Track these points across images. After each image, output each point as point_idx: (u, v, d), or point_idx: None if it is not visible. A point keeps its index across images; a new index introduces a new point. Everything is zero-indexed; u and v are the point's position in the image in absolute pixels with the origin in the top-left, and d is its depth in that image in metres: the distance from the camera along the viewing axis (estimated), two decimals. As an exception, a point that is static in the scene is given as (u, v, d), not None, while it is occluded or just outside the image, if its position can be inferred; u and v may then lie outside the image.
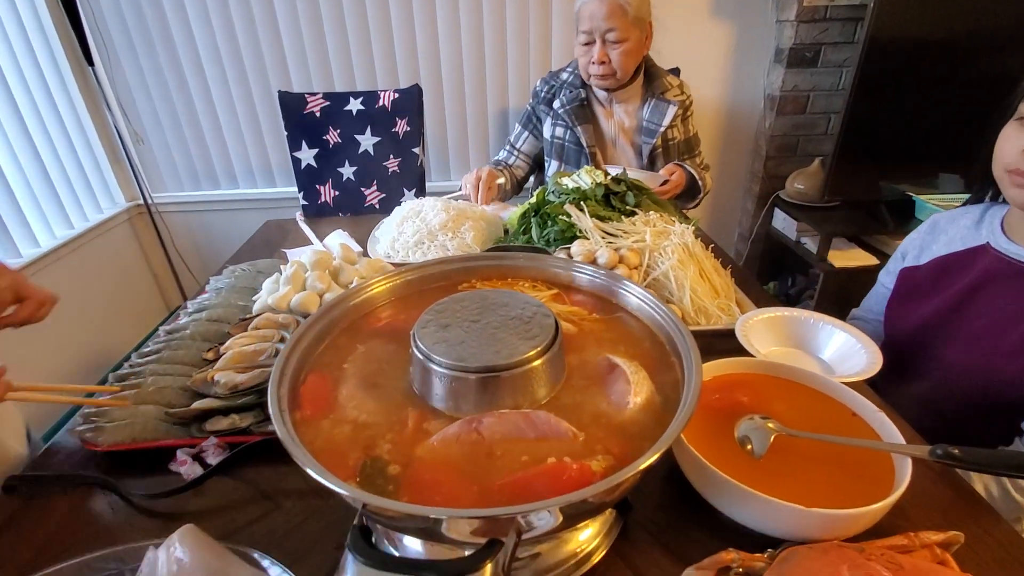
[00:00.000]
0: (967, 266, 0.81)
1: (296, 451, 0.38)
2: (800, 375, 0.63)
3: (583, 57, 1.40)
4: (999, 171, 0.77)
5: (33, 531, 0.55)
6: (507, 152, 1.66)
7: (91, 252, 2.07)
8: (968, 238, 0.84)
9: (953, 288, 0.82)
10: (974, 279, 0.79)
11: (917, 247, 0.91)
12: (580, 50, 1.41)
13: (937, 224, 0.90)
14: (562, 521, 0.38)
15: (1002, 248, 0.78)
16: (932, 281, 0.86)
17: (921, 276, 0.88)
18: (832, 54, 2.08)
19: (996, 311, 0.77)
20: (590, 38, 1.36)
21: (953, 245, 0.85)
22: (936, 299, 0.84)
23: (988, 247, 0.80)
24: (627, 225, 0.92)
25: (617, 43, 1.34)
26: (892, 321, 0.91)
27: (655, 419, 0.46)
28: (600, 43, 1.35)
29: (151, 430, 0.63)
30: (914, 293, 0.88)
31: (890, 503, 0.48)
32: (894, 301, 0.91)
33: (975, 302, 0.79)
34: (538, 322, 0.49)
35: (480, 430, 0.43)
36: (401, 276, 0.64)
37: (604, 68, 1.37)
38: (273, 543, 0.53)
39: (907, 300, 0.90)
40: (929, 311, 0.85)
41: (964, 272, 0.81)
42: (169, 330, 0.81)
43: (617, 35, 1.33)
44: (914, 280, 0.89)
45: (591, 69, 1.39)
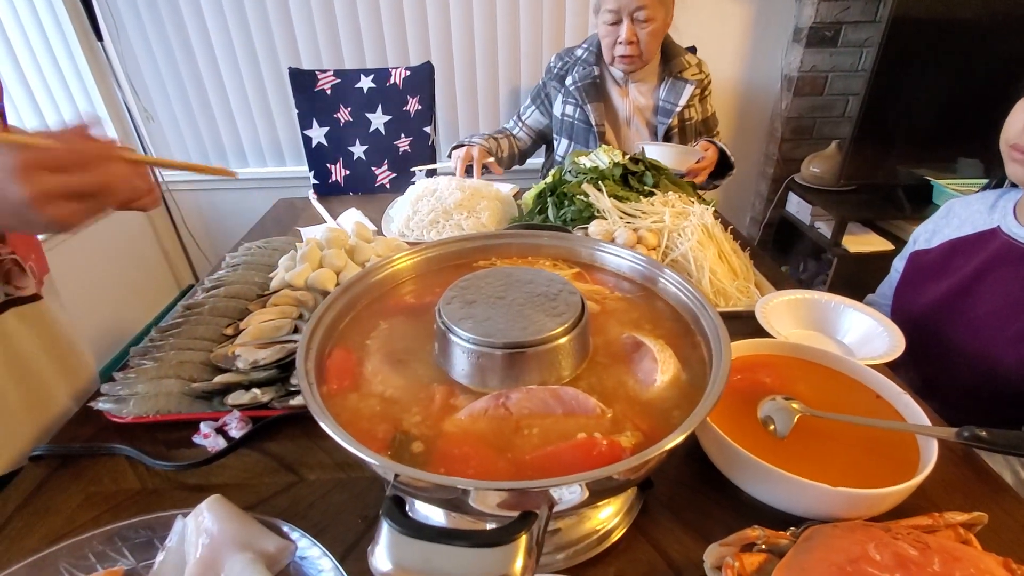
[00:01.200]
0: (976, 250, 0.81)
1: (328, 423, 0.38)
2: (823, 356, 0.63)
3: (607, 38, 1.36)
4: (1004, 146, 0.76)
5: (62, 500, 0.56)
6: (513, 122, 1.65)
7: (103, 230, 2.07)
8: (979, 222, 0.83)
9: (961, 272, 0.81)
10: (981, 263, 0.79)
11: (930, 231, 0.90)
12: (604, 30, 1.36)
13: (952, 208, 0.89)
14: (590, 496, 0.38)
15: (1012, 232, 0.77)
16: (940, 264, 0.85)
17: (930, 260, 0.87)
18: (853, 33, 2.03)
19: (1001, 296, 0.76)
20: (617, 17, 1.32)
21: (963, 229, 0.84)
22: (943, 283, 0.83)
23: (998, 231, 0.79)
24: (645, 205, 0.91)
25: (645, 22, 1.31)
26: (900, 304, 0.91)
27: (683, 396, 0.45)
28: (628, 21, 1.31)
29: (174, 403, 0.64)
30: (922, 276, 0.88)
31: (916, 483, 0.48)
32: (902, 285, 0.91)
33: (981, 286, 0.78)
34: (564, 299, 0.49)
35: (508, 405, 0.43)
36: (422, 253, 0.63)
37: (632, 48, 1.33)
38: (297, 514, 0.53)
39: (915, 283, 0.89)
40: (936, 295, 0.84)
41: (972, 255, 0.80)
42: (188, 305, 0.82)
43: (646, 13, 1.30)
44: (923, 263, 0.88)
45: (617, 51, 1.35)
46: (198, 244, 2.44)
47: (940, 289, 0.84)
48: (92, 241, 2.00)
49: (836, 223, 1.97)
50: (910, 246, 0.94)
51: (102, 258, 2.06)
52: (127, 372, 0.68)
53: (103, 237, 2.07)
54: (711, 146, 1.38)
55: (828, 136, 2.18)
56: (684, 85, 1.43)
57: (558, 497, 0.35)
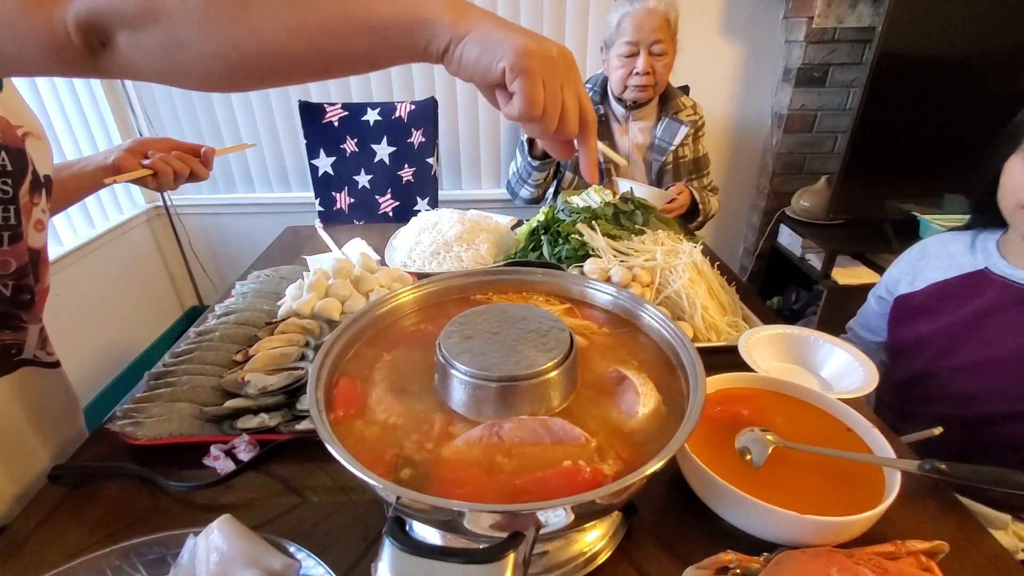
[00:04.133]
0: (969, 292, 0.83)
1: (337, 449, 0.42)
2: (798, 391, 0.67)
3: (622, 69, 1.44)
4: (1011, 206, 0.77)
5: (80, 517, 0.59)
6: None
7: (111, 252, 2.13)
8: (963, 263, 0.85)
9: (956, 313, 0.83)
10: (982, 307, 0.80)
11: (910, 273, 0.93)
12: (619, 62, 1.45)
13: (927, 249, 0.93)
14: (574, 519, 0.42)
15: (1004, 273, 0.80)
16: (930, 306, 0.87)
17: (918, 302, 0.89)
18: (840, 74, 2.12)
19: (1009, 338, 0.78)
20: (635, 49, 1.41)
21: (949, 271, 0.87)
22: (937, 325, 0.85)
23: (987, 272, 0.82)
24: (637, 244, 0.96)
25: (661, 55, 1.40)
26: (895, 348, 0.94)
27: (661, 428, 0.49)
28: (646, 53, 1.40)
29: (187, 426, 0.68)
30: (911, 317, 0.90)
31: (879, 513, 0.51)
32: (893, 328, 0.94)
33: (981, 330, 0.80)
34: (554, 335, 0.53)
35: (501, 434, 0.47)
36: (424, 288, 0.68)
37: (647, 79, 1.42)
38: (302, 534, 0.57)
39: (906, 326, 0.91)
40: (932, 337, 0.86)
41: (966, 298, 0.83)
42: (199, 332, 0.86)
43: (662, 47, 1.40)
44: (911, 305, 0.91)
45: (631, 80, 1.44)
46: (203, 266, 2.49)
47: (934, 331, 0.86)
48: (98, 261, 2.05)
49: (826, 256, 2.02)
50: (889, 287, 0.96)
51: (107, 277, 2.11)
52: (143, 395, 0.72)
53: (109, 257, 2.12)
54: (685, 190, 1.47)
55: (818, 171, 2.26)
56: (679, 126, 1.50)
57: (544, 519, 0.39)
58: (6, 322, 0.65)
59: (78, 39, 0.36)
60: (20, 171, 0.62)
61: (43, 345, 0.71)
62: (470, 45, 0.39)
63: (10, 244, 0.62)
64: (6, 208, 0.61)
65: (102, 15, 0.36)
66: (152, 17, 0.36)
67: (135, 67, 0.39)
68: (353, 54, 0.40)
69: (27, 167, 0.63)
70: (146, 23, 0.36)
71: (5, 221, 0.61)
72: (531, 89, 0.39)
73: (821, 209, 2.11)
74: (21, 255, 0.63)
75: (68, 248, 1.89)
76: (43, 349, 0.71)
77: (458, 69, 0.40)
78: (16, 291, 0.64)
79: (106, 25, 0.36)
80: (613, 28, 1.45)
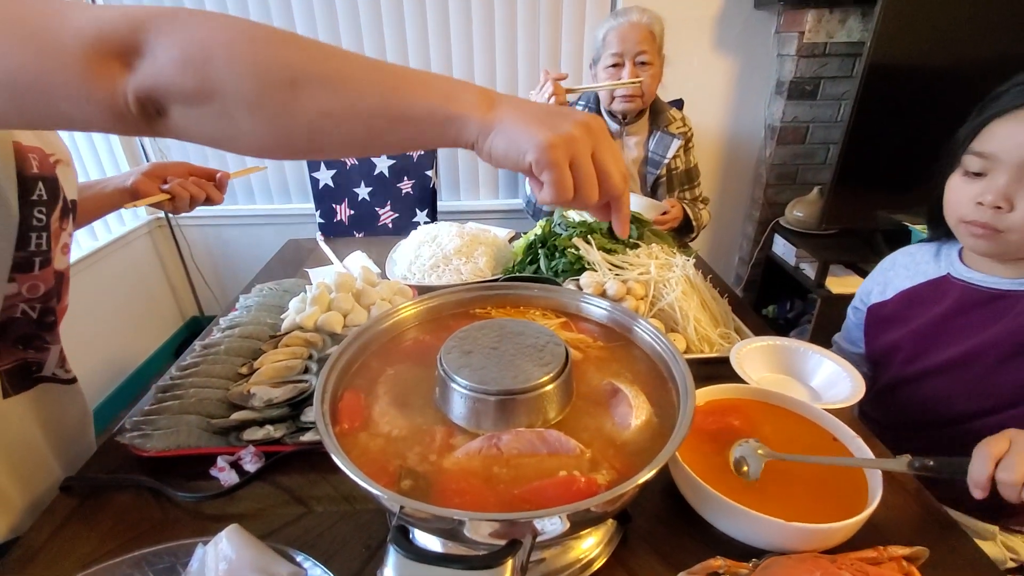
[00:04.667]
0: (933, 297, 0.87)
1: (343, 461, 0.44)
2: (787, 402, 0.69)
3: (610, 80, 1.49)
4: (952, 220, 0.81)
5: (91, 527, 0.61)
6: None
7: (113, 263, 2.15)
8: (928, 271, 0.90)
9: (922, 319, 0.87)
10: (945, 310, 0.84)
11: (880, 283, 0.97)
12: (605, 74, 1.49)
13: (896, 260, 0.97)
14: (570, 527, 0.44)
15: (964, 277, 0.84)
16: (899, 313, 0.92)
17: (888, 311, 0.94)
18: (831, 87, 2.16)
19: (972, 337, 0.81)
20: (619, 60, 1.45)
21: (916, 278, 0.91)
22: (905, 331, 0.89)
23: (950, 277, 0.86)
24: (632, 258, 0.99)
25: (645, 66, 1.44)
26: (872, 359, 0.97)
27: (653, 439, 0.52)
28: (631, 64, 1.44)
29: (194, 438, 0.70)
30: (885, 327, 0.94)
31: (862, 519, 0.53)
32: (868, 338, 0.97)
33: (946, 332, 0.84)
34: (550, 350, 0.55)
35: (499, 445, 0.49)
36: (424, 303, 0.70)
37: (634, 88, 1.45)
38: (308, 543, 0.58)
39: (880, 335, 0.95)
40: (901, 344, 0.90)
41: (930, 304, 0.87)
42: (205, 345, 0.88)
43: (647, 58, 1.43)
44: (882, 315, 0.95)
45: (618, 91, 1.48)
46: (204, 278, 2.51)
47: (903, 335, 0.90)
48: (100, 272, 2.07)
49: (819, 265, 2.05)
50: (863, 298, 1.01)
51: (109, 288, 2.13)
52: (151, 408, 0.74)
53: (111, 268, 2.14)
54: (677, 204, 1.51)
55: (810, 182, 2.30)
56: (671, 139, 1.54)
57: (541, 527, 0.41)
58: (30, 343, 0.67)
59: (136, 109, 0.39)
60: (53, 199, 0.64)
61: (62, 363, 0.73)
62: (497, 139, 0.42)
63: (40, 269, 0.64)
64: (39, 235, 0.63)
65: (160, 91, 0.38)
66: (207, 97, 0.39)
67: (188, 134, 0.42)
68: (389, 142, 0.43)
69: (59, 194, 0.65)
70: (201, 101, 0.39)
71: (38, 248, 0.63)
72: (558, 179, 0.41)
73: (814, 219, 2.14)
74: (49, 279, 0.66)
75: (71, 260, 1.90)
76: (62, 367, 0.73)
77: (489, 159, 0.43)
78: (43, 314, 0.67)
79: (163, 99, 0.39)
80: (600, 43, 1.49)
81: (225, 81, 0.38)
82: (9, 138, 0.60)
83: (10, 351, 0.65)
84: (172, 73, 0.38)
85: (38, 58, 0.37)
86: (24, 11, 0.37)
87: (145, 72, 0.38)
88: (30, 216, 0.61)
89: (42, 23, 0.37)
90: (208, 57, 0.38)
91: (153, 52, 0.38)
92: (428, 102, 0.41)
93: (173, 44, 0.38)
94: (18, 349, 0.66)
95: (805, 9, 1.99)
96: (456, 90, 0.42)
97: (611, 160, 0.44)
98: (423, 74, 0.43)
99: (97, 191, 0.88)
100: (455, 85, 0.43)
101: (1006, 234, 0.74)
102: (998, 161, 0.73)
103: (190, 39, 0.38)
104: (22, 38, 0.37)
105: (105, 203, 0.89)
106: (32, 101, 0.38)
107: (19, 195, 0.60)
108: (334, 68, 0.40)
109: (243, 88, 0.39)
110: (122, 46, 0.38)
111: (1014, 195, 0.72)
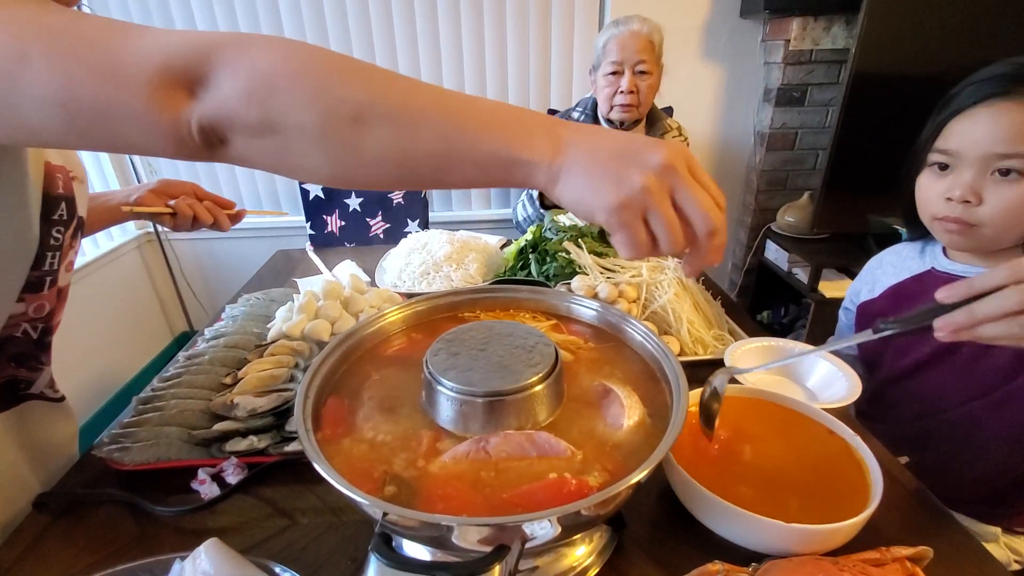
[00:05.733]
0: (917, 290, 0.88)
1: (322, 466, 0.42)
2: (781, 400, 0.68)
3: (608, 88, 1.49)
4: (927, 219, 0.83)
5: (66, 545, 0.58)
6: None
7: (102, 278, 2.12)
8: (913, 266, 0.91)
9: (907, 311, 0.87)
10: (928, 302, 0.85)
11: (869, 282, 0.98)
12: (605, 81, 1.49)
13: (883, 259, 0.98)
14: (561, 531, 0.42)
15: (946, 268, 0.85)
16: (887, 308, 0.92)
17: (877, 308, 0.94)
18: (818, 94, 2.18)
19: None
20: (618, 68, 1.46)
21: (901, 274, 0.92)
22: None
23: (934, 271, 0.87)
24: (623, 260, 0.98)
25: (644, 75, 1.45)
26: (865, 358, 0.97)
27: (646, 439, 0.50)
28: (630, 73, 1.45)
29: (175, 450, 0.67)
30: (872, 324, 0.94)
31: (863, 519, 0.52)
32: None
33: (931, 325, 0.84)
34: (540, 351, 0.54)
35: (487, 449, 0.48)
36: (411, 307, 0.69)
37: (631, 98, 1.46)
38: (291, 557, 0.56)
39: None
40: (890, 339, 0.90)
41: (916, 298, 0.88)
42: (188, 356, 0.86)
43: (646, 67, 1.44)
44: (871, 311, 0.95)
45: (616, 100, 1.48)
46: (194, 292, 2.48)
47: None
48: (89, 287, 2.04)
49: (812, 270, 2.05)
50: (852, 298, 1.01)
51: (98, 304, 2.10)
52: (130, 420, 0.71)
53: (100, 284, 2.11)
54: None
55: (801, 187, 2.31)
56: None
57: (530, 532, 0.40)
58: (25, 362, 0.65)
59: (199, 138, 0.39)
60: (70, 218, 0.62)
61: (51, 384, 0.71)
62: (565, 191, 0.40)
63: (48, 288, 0.62)
64: (54, 255, 0.61)
65: (224, 122, 0.38)
66: (270, 130, 0.38)
67: (249, 162, 0.41)
68: (452, 181, 0.42)
69: (75, 213, 0.63)
70: (264, 134, 0.38)
71: (50, 267, 0.61)
72: (630, 239, 0.39)
73: (805, 224, 2.15)
74: (54, 298, 0.64)
75: (57, 276, 1.88)
76: (51, 387, 0.71)
77: (560, 204, 0.42)
78: (43, 333, 0.65)
79: (226, 130, 0.39)
80: (600, 50, 1.50)
81: (288, 115, 0.38)
82: (43, 158, 0.58)
83: (2, 367, 0.63)
84: (236, 105, 0.37)
85: (103, 82, 0.36)
86: (91, 32, 0.37)
87: (209, 102, 0.37)
88: (48, 236, 0.60)
89: (109, 46, 0.37)
90: (272, 89, 0.37)
91: (218, 82, 0.37)
92: (492, 144, 0.39)
93: (238, 75, 0.37)
94: (10, 366, 0.64)
95: (790, 17, 2.02)
96: (523, 129, 0.40)
97: (697, 198, 0.39)
98: (489, 107, 0.41)
99: (100, 203, 0.86)
100: (523, 122, 0.40)
101: (979, 228, 0.75)
102: (961, 157, 0.75)
103: (255, 70, 0.37)
104: (88, 61, 0.36)
105: (106, 217, 0.88)
106: (94, 124, 0.38)
107: (42, 215, 0.58)
108: (398, 104, 0.39)
109: (306, 123, 0.38)
110: (187, 75, 0.37)
111: (981, 189, 0.74)
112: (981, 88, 0.74)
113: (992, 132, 0.71)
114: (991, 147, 0.72)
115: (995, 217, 0.73)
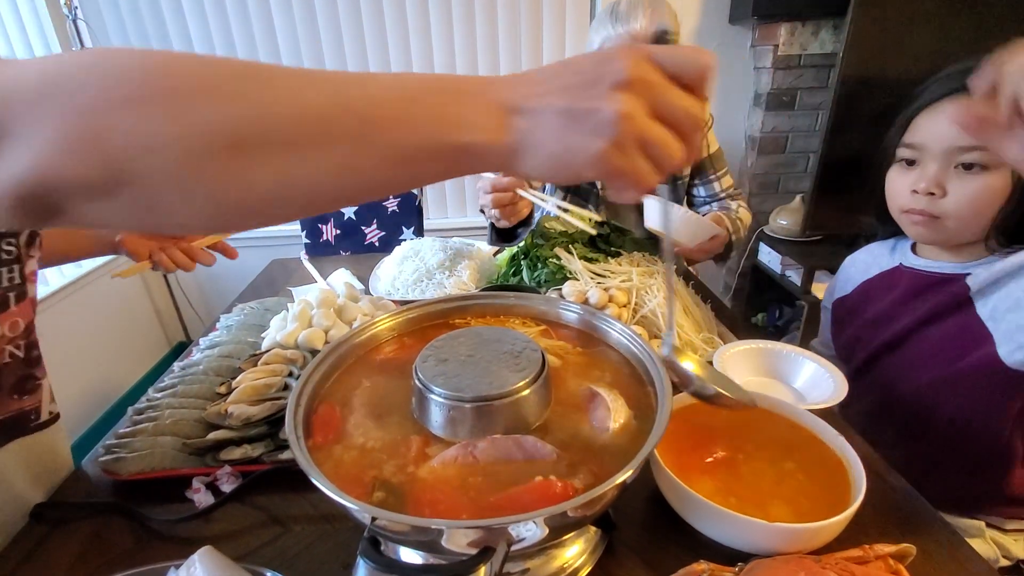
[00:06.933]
0: (886, 286, 0.90)
1: (313, 472, 0.43)
2: (766, 401, 0.69)
3: None
4: (895, 212, 0.85)
5: (60, 555, 0.59)
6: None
7: (97, 289, 2.13)
8: (883, 263, 0.93)
9: (877, 308, 0.91)
10: (897, 297, 0.88)
11: (843, 280, 1.01)
12: None
13: (856, 258, 1.01)
14: (548, 533, 0.43)
15: (912, 264, 0.87)
16: (859, 307, 0.95)
17: (850, 304, 0.97)
18: (808, 98, 2.21)
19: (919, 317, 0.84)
20: None
21: (871, 271, 0.95)
22: (863, 320, 0.92)
23: (901, 267, 0.89)
24: (614, 266, 0.99)
25: None
26: (841, 356, 0.99)
27: (633, 441, 0.51)
28: None
29: (169, 460, 0.68)
30: (847, 320, 0.98)
31: (847, 517, 0.53)
32: (834, 334, 1.00)
33: (898, 317, 0.87)
34: (527, 356, 0.55)
35: (475, 453, 0.48)
36: (403, 315, 0.70)
37: None
38: (284, 564, 0.57)
39: (844, 330, 0.98)
40: (861, 333, 0.94)
41: (884, 293, 0.90)
42: (183, 365, 0.87)
43: None
44: (844, 308, 0.98)
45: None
46: (190, 302, 2.49)
47: (862, 325, 0.93)
48: (84, 299, 2.05)
49: (805, 272, 2.07)
50: (829, 298, 1.04)
51: (94, 315, 2.10)
52: (125, 431, 0.72)
53: (96, 295, 2.11)
54: (724, 219, 1.24)
55: (792, 190, 2.33)
56: None
57: (517, 534, 0.40)
58: (23, 386, 0.64)
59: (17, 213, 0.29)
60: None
61: (51, 398, 0.71)
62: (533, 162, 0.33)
63: (17, 303, 0.61)
64: (11, 268, 0.60)
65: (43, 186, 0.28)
66: (116, 185, 0.29)
67: (99, 225, 0.33)
68: (384, 191, 0.35)
69: None
70: (110, 192, 0.29)
71: (11, 282, 0.60)
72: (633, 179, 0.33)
73: (798, 227, 2.16)
74: (27, 312, 0.63)
75: (54, 287, 1.89)
76: (52, 402, 0.71)
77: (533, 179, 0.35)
78: (28, 349, 0.64)
79: (52, 196, 0.29)
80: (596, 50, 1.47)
81: (135, 161, 0.28)
82: None
83: (5, 403, 0.62)
84: (56, 160, 0.27)
85: None
86: None
87: (15, 164, 0.28)
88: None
89: None
90: (103, 130, 0.27)
91: (20, 134, 0.27)
92: (416, 136, 0.32)
93: (48, 118, 0.27)
94: (13, 399, 0.63)
95: (778, 23, 2.05)
96: (452, 106, 0.32)
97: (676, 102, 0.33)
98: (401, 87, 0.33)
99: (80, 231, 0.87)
100: (448, 96, 0.33)
101: (943, 220, 0.78)
102: (926, 151, 0.78)
103: (72, 108, 0.27)
104: None
105: (84, 246, 0.88)
106: None
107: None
108: (288, 114, 0.30)
109: (162, 164, 0.28)
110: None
111: (945, 181, 0.76)
112: (946, 83, 0.76)
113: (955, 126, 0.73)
114: (954, 140, 0.74)
115: (959, 209, 0.76)
